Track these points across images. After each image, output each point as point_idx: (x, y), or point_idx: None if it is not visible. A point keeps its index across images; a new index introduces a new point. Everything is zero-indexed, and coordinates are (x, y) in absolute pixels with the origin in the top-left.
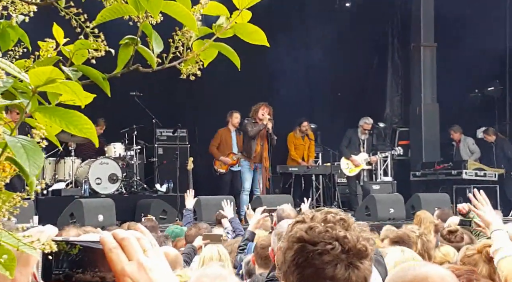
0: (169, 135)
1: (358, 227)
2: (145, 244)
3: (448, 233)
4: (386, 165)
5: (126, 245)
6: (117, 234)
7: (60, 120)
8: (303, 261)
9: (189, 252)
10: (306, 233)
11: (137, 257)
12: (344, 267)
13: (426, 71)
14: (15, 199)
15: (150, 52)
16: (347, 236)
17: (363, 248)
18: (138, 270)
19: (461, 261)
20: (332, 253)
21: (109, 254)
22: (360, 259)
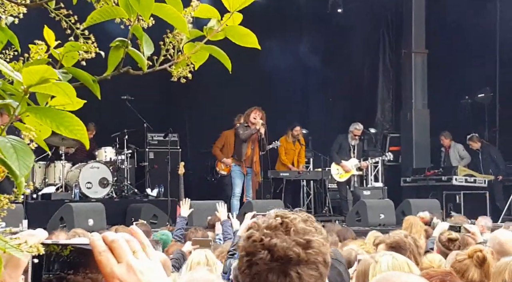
0: (160, 140)
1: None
2: (135, 246)
3: (448, 241)
4: (377, 171)
5: (115, 247)
6: (107, 237)
7: (51, 121)
8: (243, 271)
9: (178, 257)
10: (244, 242)
11: (127, 259)
12: (276, 275)
13: (417, 78)
14: (3, 201)
15: (140, 54)
16: (277, 244)
17: (293, 254)
18: (127, 272)
19: (451, 267)
20: (262, 262)
21: (98, 257)
22: (294, 266)
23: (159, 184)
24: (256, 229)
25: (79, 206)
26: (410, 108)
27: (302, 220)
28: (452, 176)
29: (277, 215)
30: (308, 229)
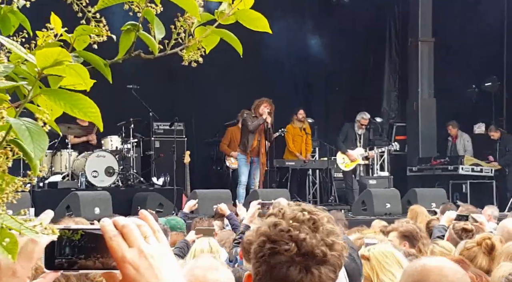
0: (166, 129)
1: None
2: (146, 230)
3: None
4: (383, 160)
5: (126, 232)
6: (118, 222)
7: (65, 103)
8: (261, 256)
9: (182, 246)
10: (269, 229)
11: (138, 244)
12: (298, 270)
13: (424, 67)
14: (17, 184)
15: (152, 38)
16: (306, 239)
17: (320, 253)
18: (139, 256)
19: (460, 254)
20: (287, 254)
21: (109, 242)
22: (317, 264)
23: (165, 173)
24: (280, 218)
25: (85, 195)
26: (416, 98)
27: (326, 217)
28: (458, 165)
29: (304, 209)
30: (333, 230)
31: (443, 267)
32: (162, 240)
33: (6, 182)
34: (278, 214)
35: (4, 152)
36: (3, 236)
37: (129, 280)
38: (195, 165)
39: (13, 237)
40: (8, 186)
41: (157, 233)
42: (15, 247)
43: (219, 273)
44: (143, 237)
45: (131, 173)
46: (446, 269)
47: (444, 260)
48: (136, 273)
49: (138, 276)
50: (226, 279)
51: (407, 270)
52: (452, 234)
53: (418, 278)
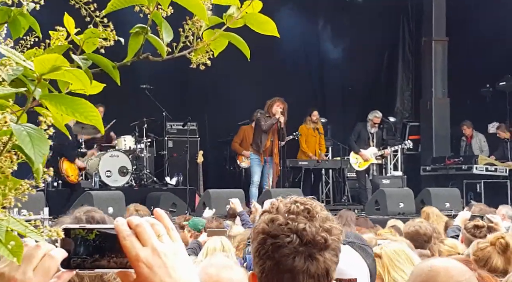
0: (179, 129)
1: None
2: (160, 229)
3: (474, 227)
4: (396, 160)
5: (140, 232)
6: (132, 221)
7: (66, 108)
8: (264, 254)
9: (194, 247)
10: (267, 225)
11: (151, 243)
12: (303, 259)
13: (437, 66)
14: (24, 186)
15: (160, 41)
16: (306, 229)
17: (322, 240)
18: (152, 255)
19: (473, 255)
20: (290, 246)
21: (123, 241)
22: (320, 251)
23: (178, 173)
24: (275, 213)
25: (99, 194)
26: (430, 97)
27: (319, 205)
28: (472, 164)
29: (296, 200)
30: (328, 216)
31: (451, 268)
32: (176, 238)
33: (8, 187)
34: (272, 210)
35: (8, 155)
36: (8, 239)
37: (143, 278)
38: (208, 164)
39: (18, 240)
40: (11, 191)
41: (171, 231)
42: (20, 250)
43: (233, 272)
44: (157, 236)
45: (145, 172)
46: (454, 269)
47: (451, 261)
48: (150, 272)
49: (152, 275)
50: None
51: (415, 271)
52: (465, 233)
53: (425, 278)
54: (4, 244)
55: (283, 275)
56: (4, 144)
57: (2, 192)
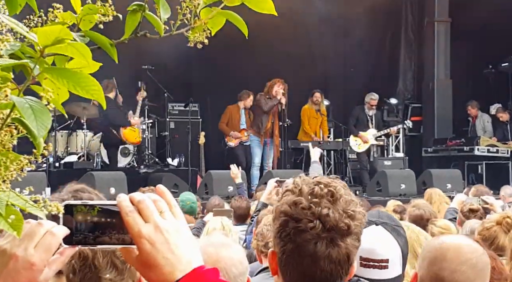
0: (181, 110)
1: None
2: (162, 206)
3: (469, 211)
4: (398, 141)
5: (142, 208)
6: (134, 197)
7: (67, 81)
8: (286, 236)
9: (200, 226)
10: (290, 208)
11: (153, 219)
12: (324, 245)
13: (440, 47)
14: (23, 162)
15: (157, 19)
16: (329, 215)
17: (345, 226)
18: (155, 231)
19: (479, 234)
20: (313, 231)
21: (125, 217)
22: (342, 237)
23: (179, 154)
24: (298, 195)
25: (100, 175)
26: (432, 78)
27: (342, 187)
28: (474, 146)
29: (319, 182)
30: (351, 199)
31: (461, 245)
32: (178, 215)
33: (10, 160)
34: (295, 190)
35: (8, 129)
36: (9, 213)
37: (146, 255)
38: (210, 145)
39: (18, 214)
40: (13, 164)
41: (174, 208)
42: (20, 223)
43: (232, 250)
44: (159, 212)
45: (146, 153)
46: (464, 246)
47: (462, 238)
48: (152, 248)
49: (154, 251)
50: (238, 257)
51: (426, 247)
52: (461, 216)
53: (435, 254)
54: (4, 218)
55: (304, 259)
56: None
57: (4, 165)
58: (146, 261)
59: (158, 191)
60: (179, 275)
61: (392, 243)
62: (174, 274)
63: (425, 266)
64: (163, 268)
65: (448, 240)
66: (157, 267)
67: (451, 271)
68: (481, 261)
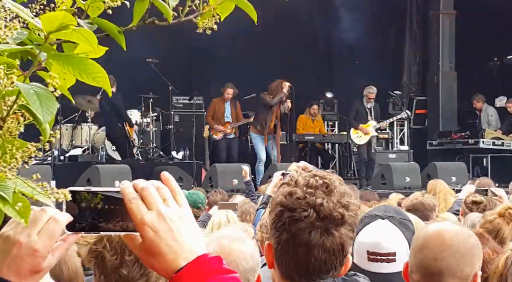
0: (186, 103)
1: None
2: (165, 193)
3: (472, 203)
4: (403, 134)
5: (145, 195)
6: (137, 184)
7: (73, 68)
8: (281, 226)
9: (205, 219)
10: (285, 198)
11: (157, 207)
12: (319, 233)
13: (445, 39)
14: (30, 149)
15: (166, 5)
16: (324, 204)
17: (339, 215)
18: (158, 219)
19: (481, 227)
20: (307, 220)
21: (128, 204)
22: (336, 226)
23: (184, 147)
24: (294, 186)
25: (105, 168)
26: (437, 71)
27: (338, 179)
28: (479, 139)
29: (315, 174)
30: (346, 191)
31: (442, 231)
32: (182, 202)
33: (16, 147)
34: (291, 182)
35: (15, 117)
36: (16, 200)
37: (149, 242)
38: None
39: (25, 201)
40: (19, 151)
41: (178, 195)
42: (27, 211)
43: (245, 245)
44: (163, 200)
45: (151, 146)
46: (445, 232)
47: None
48: (155, 236)
49: (157, 239)
50: (250, 251)
51: (414, 236)
52: (464, 208)
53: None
54: (12, 205)
55: (298, 248)
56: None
57: (10, 152)
58: (149, 248)
59: (162, 178)
60: (182, 263)
61: (399, 236)
62: (178, 262)
63: (412, 255)
64: (166, 255)
65: (431, 228)
66: (160, 255)
67: (433, 259)
68: (463, 246)
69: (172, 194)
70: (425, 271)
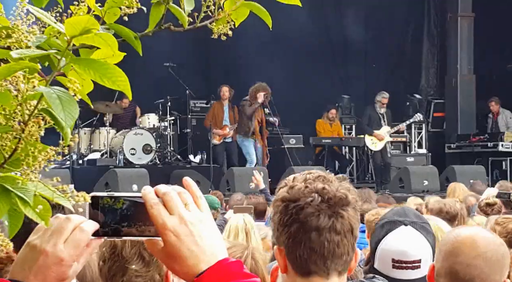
0: (203, 107)
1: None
2: (187, 198)
3: (486, 205)
4: (421, 137)
5: (167, 200)
6: (159, 190)
7: (94, 72)
8: (288, 219)
9: (221, 223)
10: (288, 193)
11: (178, 211)
12: (327, 216)
13: (463, 42)
14: (49, 153)
15: (181, 11)
16: (326, 187)
17: (343, 195)
18: (179, 223)
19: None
20: (313, 204)
21: (150, 209)
22: (342, 206)
23: (201, 151)
24: (293, 182)
25: (123, 172)
26: (455, 74)
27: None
28: (498, 142)
29: (310, 172)
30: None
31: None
32: (203, 207)
33: (38, 150)
34: (288, 182)
35: (36, 120)
36: (36, 203)
37: (171, 247)
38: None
39: (46, 204)
40: (41, 154)
41: (199, 200)
42: (48, 213)
43: None
44: (184, 204)
45: (168, 150)
46: (480, 239)
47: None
48: (177, 240)
49: (179, 243)
50: None
51: (443, 240)
52: (479, 211)
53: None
54: (32, 208)
55: (310, 234)
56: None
57: (32, 155)
58: (171, 253)
59: (184, 183)
60: (203, 267)
61: (423, 242)
62: (199, 266)
63: (441, 259)
64: (187, 260)
65: (463, 232)
66: (181, 259)
67: (465, 265)
68: (496, 254)
69: (193, 198)
70: (455, 276)
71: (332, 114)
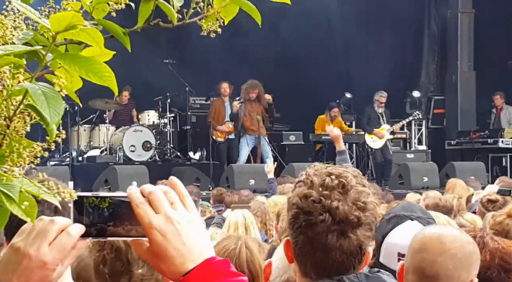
0: (202, 103)
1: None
2: (173, 197)
3: (488, 202)
4: (421, 134)
5: (153, 199)
6: (145, 189)
7: (79, 67)
8: (297, 228)
9: (219, 222)
10: (301, 201)
11: (164, 210)
12: (335, 237)
13: (463, 39)
14: (36, 149)
15: (170, 7)
16: (339, 207)
17: (355, 219)
18: (165, 222)
19: (491, 229)
20: (323, 224)
21: (136, 209)
22: (352, 229)
23: (201, 148)
24: (309, 187)
25: (123, 169)
26: (455, 70)
27: (354, 176)
28: (498, 138)
29: (331, 173)
30: (363, 189)
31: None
32: (190, 206)
33: (23, 146)
34: (307, 181)
35: (21, 116)
36: (22, 200)
37: (157, 246)
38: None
39: (32, 201)
40: (26, 151)
41: (186, 199)
42: (33, 210)
43: None
44: (170, 203)
45: (168, 147)
46: (445, 236)
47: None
48: (163, 239)
49: (165, 242)
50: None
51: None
52: (481, 207)
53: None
54: (18, 204)
55: (316, 252)
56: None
57: (17, 151)
58: (157, 252)
59: (170, 182)
60: (190, 266)
61: None
62: (185, 265)
63: (409, 256)
64: (174, 259)
65: (431, 230)
66: (168, 258)
67: (431, 262)
68: (462, 251)
69: (180, 198)
70: (421, 273)
71: (335, 113)
